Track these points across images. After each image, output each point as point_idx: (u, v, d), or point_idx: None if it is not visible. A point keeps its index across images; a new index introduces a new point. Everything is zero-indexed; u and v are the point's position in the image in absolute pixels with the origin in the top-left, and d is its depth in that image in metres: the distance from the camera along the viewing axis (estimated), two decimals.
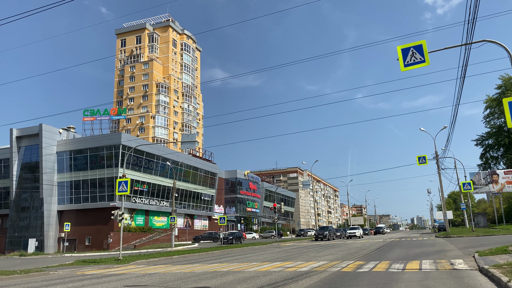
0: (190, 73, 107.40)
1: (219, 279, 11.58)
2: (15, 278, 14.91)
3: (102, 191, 52.32)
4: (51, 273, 16.74)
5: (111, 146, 52.42)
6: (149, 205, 57.76)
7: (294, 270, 13.12)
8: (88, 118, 65.43)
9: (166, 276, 13.27)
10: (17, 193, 54.83)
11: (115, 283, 11.86)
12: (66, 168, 54.53)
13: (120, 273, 15.43)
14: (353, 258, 17.23)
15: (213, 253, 27.44)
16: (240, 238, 48.72)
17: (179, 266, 17.28)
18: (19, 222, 54.29)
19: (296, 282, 9.96)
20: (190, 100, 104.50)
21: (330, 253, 21.36)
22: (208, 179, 73.66)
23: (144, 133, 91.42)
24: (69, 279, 13.79)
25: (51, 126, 55.23)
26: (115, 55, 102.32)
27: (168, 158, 59.85)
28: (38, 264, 24.75)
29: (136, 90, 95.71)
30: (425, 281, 9.23)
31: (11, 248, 51.69)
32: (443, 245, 24.08)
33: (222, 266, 15.99)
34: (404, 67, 12.51)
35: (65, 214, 53.40)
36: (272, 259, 18.67)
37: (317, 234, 46.05)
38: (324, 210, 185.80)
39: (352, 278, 10.45)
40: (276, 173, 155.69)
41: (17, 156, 55.33)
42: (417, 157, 37.36)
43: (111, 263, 20.89)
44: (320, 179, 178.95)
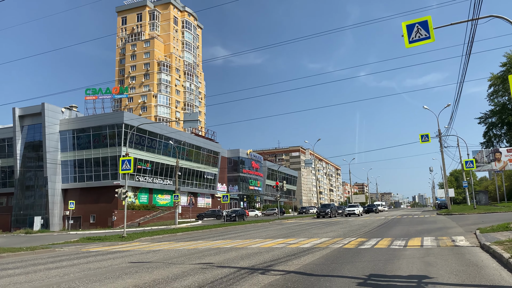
0: (191, 51, 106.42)
1: (222, 255, 11.73)
2: (22, 255, 15.15)
3: (105, 170, 52.63)
4: (57, 250, 16.98)
5: (114, 125, 52.43)
6: (152, 183, 58.15)
7: (296, 246, 13.26)
8: (90, 97, 65.27)
9: (170, 252, 13.44)
10: (21, 172, 55.21)
11: (120, 259, 12.04)
12: (69, 147, 54.70)
13: (125, 250, 15.64)
14: (355, 235, 17.38)
15: (216, 230, 27.75)
16: (243, 216, 49.17)
17: (183, 243, 17.50)
18: (24, 200, 54.86)
19: (299, 258, 10.07)
20: (191, 79, 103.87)
21: (332, 230, 21.55)
22: (211, 158, 73.90)
23: (147, 112, 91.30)
24: (74, 256, 14.00)
25: (54, 105, 55.18)
26: (116, 33, 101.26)
27: (171, 137, 59.91)
28: (43, 241, 25.12)
29: (137, 69, 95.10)
30: (426, 257, 9.32)
31: (17, 226, 52.40)
32: (445, 222, 24.25)
33: (226, 243, 16.18)
34: (409, 44, 12.30)
35: (70, 193, 53.88)
36: (274, 236, 18.87)
37: (319, 212, 46.39)
38: (326, 188, 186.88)
39: (354, 254, 10.56)
40: (279, 152, 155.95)
41: (20, 135, 55.48)
42: (420, 135, 37.23)
43: (116, 241, 21.16)
44: (322, 158, 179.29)
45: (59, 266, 10.99)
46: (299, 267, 8.64)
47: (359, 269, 7.99)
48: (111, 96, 67.34)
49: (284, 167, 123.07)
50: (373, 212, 59.88)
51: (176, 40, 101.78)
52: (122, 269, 9.54)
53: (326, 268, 8.33)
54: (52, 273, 9.42)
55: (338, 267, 8.41)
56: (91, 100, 65.38)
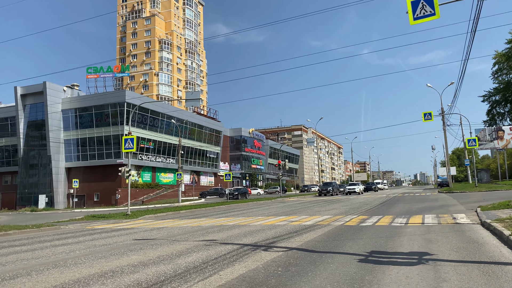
0: (193, 29, 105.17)
1: (225, 232, 11.88)
2: (28, 232, 15.37)
3: (108, 149, 52.85)
4: (62, 227, 17.21)
5: (116, 103, 52.35)
6: (155, 162, 58.45)
7: (298, 224, 13.40)
8: (92, 76, 65.03)
9: (174, 230, 13.61)
10: (25, 151, 55.52)
11: (125, 236, 12.21)
12: (72, 125, 54.81)
13: (129, 227, 15.85)
14: (356, 212, 17.53)
15: (219, 208, 28.01)
16: (245, 194, 49.56)
17: (187, 221, 17.70)
18: (28, 179, 55.36)
19: (301, 235, 10.19)
20: (193, 57, 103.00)
21: (333, 208, 21.73)
22: (213, 136, 73.99)
23: (148, 90, 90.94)
24: (79, 233, 14.20)
25: (55, 83, 55.02)
26: (117, 11, 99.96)
27: (173, 116, 59.86)
28: (49, 219, 25.45)
29: (138, 47, 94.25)
30: (427, 234, 9.42)
31: (22, 204, 53.04)
32: (446, 200, 24.38)
33: (228, 220, 16.36)
34: (414, 21, 12.08)
35: (73, 171, 54.28)
36: (277, 214, 19.05)
37: (321, 190, 46.66)
38: (327, 167, 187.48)
39: (356, 231, 10.68)
40: (281, 131, 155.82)
41: (23, 114, 55.53)
42: (423, 113, 37.03)
43: (120, 218, 21.41)
44: (325, 136, 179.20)
45: (65, 243, 11.16)
46: (301, 244, 8.76)
47: (360, 246, 8.10)
48: (112, 75, 67.10)
49: (286, 146, 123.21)
50: (372, 191, 58.54)
51: (177, 18, 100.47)
52: (127, 246, 9.69)
53: (328, 245, 8.44)
54: (58, 250, 9.58)
55: (339, 244, 8.52)
56: (92, 78, 65.17)
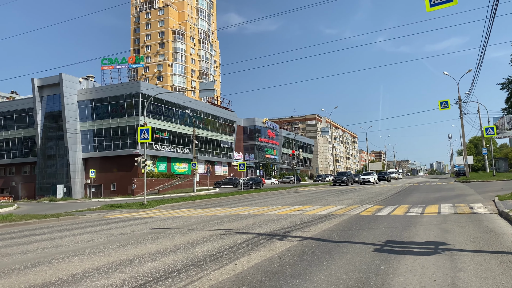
0: (206, 19, 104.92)
1: (240, 221, 11.96)
2: (47, 221, 15.73)
3: (124, 139, 53.43)
4: (80, 217, 17.55)
5: (131, 94, 52.79)
6: (170, 152, 58.95)
7: (313, 213, 13.42)
8: (107, 67, 65.58)
9: (189, 219, 13.76)
10: (43, 142, 56.52)
11: (141, 226, 12.40)
12: (88, 116, 55.51)
13: (146, 216, 16.08)
14: (372, 202, 17.45)
15: (233, 198, 28.17)
16: (259, 184, 49.68)
17: (202, 210, 17.88)
18: (46, 169, 56.43)
19: (316, 225, 10.21)
20: (206, 47, 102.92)
21: (348, 197, 21.67)
22: (227, 126, 74.16)
23: (163, 81, 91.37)
24: (97, 222, 14.47)
25: (71, 75, 55.67)
26: (130, 2, 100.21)
27: (187, 106, 60.12)
28: (67, 208, 25.96)
29: (152, 38, 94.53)
30: (443, 224, 9.35)
31: (41, 193, 54.17)
32: (463, 189, 24.09)
33: (243, 210, 16.46)
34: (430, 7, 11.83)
35: (90, 161, 55.10)
36: (291, 203, 19.08)
37: (335, 180, 46.45)
38: (342, 156, 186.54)
39: (371, 221, 10.65)
40: (295, 121, 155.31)
41: (40, 106, 56.42)
42: (439, 102, 36.40)
43: (136, 208, 21.72)
44: (339, 126, 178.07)
45: (83, 232, 11.40)
46: (316, 233, 8.78)
47: (375, 236, 8.08)
48: (127, 66, 67.54)
49: (300, 136, 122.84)
50: (384, 180, 55.55)
51: (191, 8, 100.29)
52: (144, 235, 9.85)
53: (343, 235, 8.45)
54: (77, 239, 9.80)
55: (355, 234, 8.52)
56: (107, 70, 65.71)
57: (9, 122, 61.24)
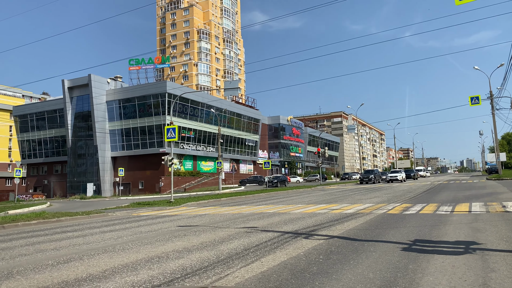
0: (230, 18, 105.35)
1: (266, 220, 11.98)
2: (78, 219, 16.19)
3: (151, 138, 54.34)
4: (110, 214, 17.96)
5: (157, 94, 53.61)
6: (196, 150, 59.57)
7: (339, 212, 13.30)
8: (134, 67, 66.85)
9: (215, 217, 13.89)
10: (73, 141, 58.12)
11: (169, 223, 12.59)
12: (116, 116, 56.71)
13: (173, 214, 16.31)
14: (399, 200, 17.16)
15: (259, 196, 28.22)
16: (284, 182, 49.58)
17: (227, 208, 18.00)
18: (77, 168, 58.02)
19: (342, 224, 10.12)
20: (231, 46, 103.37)
21: (375, 196, 21.37)
22: (252, 125, 74.32)
23: (188, 81, 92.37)
24: (126, 220, 14.78)
25: (99, 76, 57.01)
26: (156, 2, 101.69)
27: (212, 105, 60.60)
28: (97, 206, 26.63)
29: (178, 38, 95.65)
30: (474, 223, 9.10)
31: (72, 192, 55.76)
32: (495, 187, 23.37)
33: (268, 208, 16.47)
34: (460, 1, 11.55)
35: (119, 160, 56.30)
36: (317, 202, 18.97)
37: (362, 178, 45.89)
38: (369, 154, 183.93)
39: (399, 220, 10.48)
40: (320, 118, 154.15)
41: (70, 106, 58.03)
42: (470, 98, 35.41)
43: (164, 205, 22.05)
44: (366, 123, 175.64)
45: (113, 229, 11.67)
46: (343, 232, 8.71)
47: (403, 234, 7.95)
48: (153, 66, 68.67)
49: (326, 133, 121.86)
50: (411, 179, 53.45)
51: (215, 7, 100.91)
52: (171, 233, 10.00)
53: (370, 233, 8.34)
54: (106, 236, 10.04)
55: (382, 232, 8.40)
56: (134, 70, 67.00)
57: (41, 122, 63.27)
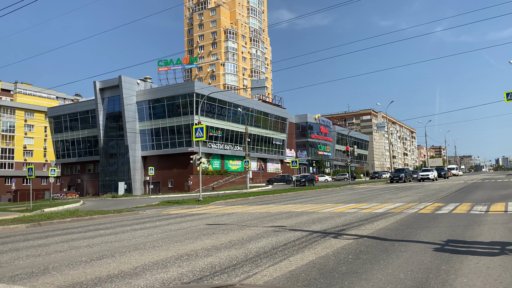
0: (257, 17, 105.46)
1: (294, 219, 11.94)
2: (110, 217, 16.63)
3: (180, 138, 55.09)
4: (140, 212, 18.35)
5: (186, 94, 54.29)
6: (224, 149, 59.99)
7: (369, 211, 13.11)
8: (163, 68, 67.97)
9: (243, 215, 13.95)
10: (105, 141, 59.63)
11: (197, 221, 12.74)
12: (146, 116, 57.80)
13: (201, 212, 16.50)
14: (431, 200, 16.75)
15: (286, 195, 28.17)
16: (312, 181, 49.23)
17: (255, 207, 18.04)
18: (108, 167, 59.50)
19: (372, 223, 9.97)
20: (257, 45, 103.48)
21: (406, 195, 20.94)
22: (279, 124, 74.18)
23: (215, 80, 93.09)
24: (156, 218, 15.06)
25: (129, 77, 58.22)
26: (183, 3, 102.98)
27: (239, 105, 60.86)
28: (128, 204, 27.23)
29: (205, 38, 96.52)
30: (511, 223, 8.78)
31: (104, 190, 57.23)
32: None
33: (296, 207, 16.41)
34: None
35: (149, 159, 57.37)
36: (345, 201, 18.76)
37: (393, 177, 45.07)
38: (399, 152, 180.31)
39: (430, 219, 10.23)
40: (348, 116, 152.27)
41: (101, 107, 59.54)
42: (505, 93, 34.08)
43: (193, 204, 22.35)
44: (396, 121, 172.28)
45: (143, 227, 11.91)
46: (372, 231, 8.58)
47: (435, 235, 7.75)
48: (181, 67, 69.63)
49: (355, 131, 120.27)
50: (442, 178, 51.55)
51: (242, 6, 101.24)
52: (200, 231, 10.12)
53: (400, 233, 8.18)
54: (137, 234, 10.26)
55: (413, 232, 8.22)
56: (163, 71, 68.11)
57: (74, 123, 65.22)
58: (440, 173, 52.76)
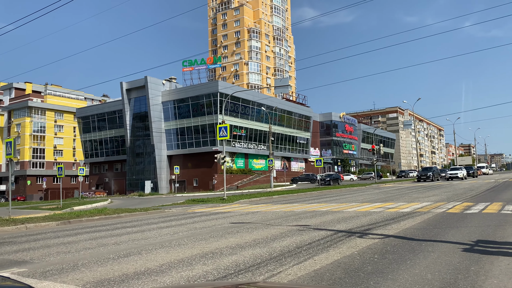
0: (280, 15, 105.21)
1: (318, 218, 11.87)
2: (137, 215, 16.94)
3: (204, 137, 55.58)
4: (166, 211, 18.61)
5: (210, 94, 54.72)
6: (247, 148, 60.16)
7: (395, 211, 12.90)
8: (187, 69, 68.73)
9: (267, 214, 13.96)
10: (132, 141, 60.76)
11: (222, 220, 12.83)
12: (171, 116, 58.56)
13: (226, 211, 16.60)
14: (460, 199, 16.34)
15: (311, 194, 28.01)
16: (337, 180, 48.79)
17: (279, 206, 18.02)
18: (135, 166, 60.62)
19: (398, 223, 9.81)
20: (281, 44, 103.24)
21: (434, 194, 20.49)
22: (303, 122, 73.82)
23: (239, 80, 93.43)
24: (181, 216, 15.25)
25: (155, 78, 59.11)
26: (207, 4, 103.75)
27: (263, 103, 60.91)
28: (154, 203, 27.67)
29: (229, 38, 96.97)
30: None
31: (131, 189, 58.34)
32: None
33: (321, 206, 16.30)
34: None
35: (174, 159, 58.13)
36: (371, 200, 18.51)
37: (420, 175, 44.21)
38: (427, 151, 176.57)
39: (459, 219, 9.98)
40: (374, 114, 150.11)
41: (128, 107, 60.68)
42: None
43: (217, 202, 22.51)
44: (423, 118, 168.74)
45: (169, 225, 12.08)
46: (399, 231, 8.43)
47: (464, 235, 7.56)
48: (205, 67, 70.22)
49: (381, 130, 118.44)
50: (470, 176, 50.48)
51: (265, 5, 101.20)
52: (225, 229, 10.19)
53: (428, 233, 8.02)
54: (163, 232, 10.41)
55: (441, 232, 8.04)
56: (188, 71, 68.84)
57: (101, 123, 66.71)
58: (469, 172, 51.54)
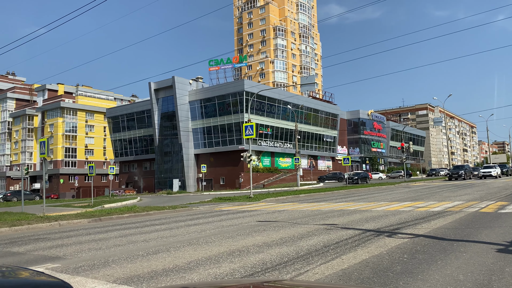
0: (306, 12, 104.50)
1: (346, 217, 11.74)
2: (165, 213, 17.23)
3: (231, 136, 55.89)
4: (194, 209, 18.83)
5: (236, 93, 54.96)
6: (273, 147, 60.10)
7: (425, 210, 12.61)
8: (213, 68, 69.21)
9: (294, 213, 13.91)
10: (160, 140, 61.77)
11: (249, 218, 12.87)
12: (198, 115, 59.19)
13: (252, 209, 16.65)
14: (494, 198, 15.82)
15: (338, 193, 27.74)
16: (365, 178, 48.10)
17: (306, 204, 17.93)
18: (163, 165, 61.60)
19: (428, 222, 9.58)
20: (307, 41, 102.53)
21: (466, 193, 19.92)
22: (329, 120, 73.12)
23: (265, 78, 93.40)
24: (209, 214, 15.39)
25: (182, 77, 59.86)
26: (233, 3, 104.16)
27: (289, 102, 60.66)
28: (182, 201, 28.05)
29: (254, 36, 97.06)
30: None
31: (159, 187, 59.33)
32: None
33: (348, 205, 16.12)
34: None
35: (201, 157, 58.73)
36: (400, 199, 18.17)
37: (451, 174, 43.07)
38: (458, 149, 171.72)
39: (493, 219, 9.66)
40: (403, 111, 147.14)
41: (156, 107, 61.71)
42: None
43: (244, 201, 22.60)
44: (454, 115, 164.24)
45: (197, 223, 12.21)
46: (429, 230, 8.24)
47: (498, 235, 7.31)
48: (231, 66, 70.50)
49: (410, 127, 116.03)
50: (504, 175, 49.51)
51: (291, 3, 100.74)
52: (251, 227, 10.21)
53: (459, 233, 7.80)
54: (191, 229, 10.54)
55: (473, 232, 7.80)
56: (214, 71, 69.35)
57: (131, 123, 68.09)
58: (503, 170, 50.31)
